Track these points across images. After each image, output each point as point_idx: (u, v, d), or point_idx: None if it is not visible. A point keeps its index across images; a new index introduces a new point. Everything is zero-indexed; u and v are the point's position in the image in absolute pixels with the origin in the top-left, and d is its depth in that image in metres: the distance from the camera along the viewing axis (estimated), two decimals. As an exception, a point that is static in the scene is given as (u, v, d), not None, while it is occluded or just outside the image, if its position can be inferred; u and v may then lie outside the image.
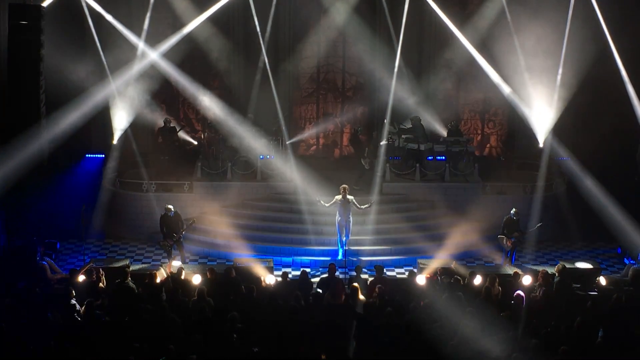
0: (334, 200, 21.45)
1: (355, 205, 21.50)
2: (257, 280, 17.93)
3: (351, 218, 21.55)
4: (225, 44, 25.99)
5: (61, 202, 22.96)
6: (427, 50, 27.00)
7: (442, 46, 26.68)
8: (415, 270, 20.03)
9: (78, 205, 22.29)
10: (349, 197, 21.43)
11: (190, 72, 26.59)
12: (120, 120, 24.56)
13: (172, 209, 21.15)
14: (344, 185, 21.49)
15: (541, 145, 25.30)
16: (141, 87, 24.64)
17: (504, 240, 21.44)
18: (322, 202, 21.54)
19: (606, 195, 23.05)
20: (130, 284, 17.07)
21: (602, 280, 18.68)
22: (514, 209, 21.58)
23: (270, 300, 16.17)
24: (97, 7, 23.80)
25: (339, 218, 21.50)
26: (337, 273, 18.84)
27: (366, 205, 21.78)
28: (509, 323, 15.03)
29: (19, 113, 20.59)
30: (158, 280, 17.32)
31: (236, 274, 17.81)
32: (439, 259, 21.06)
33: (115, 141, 24.76)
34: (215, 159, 25.20)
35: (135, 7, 25.57)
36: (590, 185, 23.68)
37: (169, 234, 20.96)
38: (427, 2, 24.96)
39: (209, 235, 23.13)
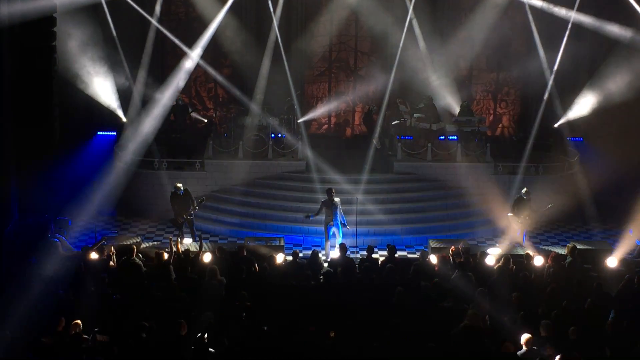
0: (321, 206, 20.81)
1: (340, 211, 20.72)
2: (268, 259, 17.94)
3: (340, 219, 20.75)
4: (237, 22, 25.88)
5: (73, 180, 22.99)
6: (441, 26, 26.69)
7: (456, 22, 26.49)
8: (426, 249, 20.02)
9: (90, 183, 22.35)
10: (336, 199, 20.73)
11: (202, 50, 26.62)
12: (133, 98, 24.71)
13: (182, 187, 21.17)
14: (330, 187, 21.13)
15: (556, 125, 25.27)
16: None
17: (513, 220, 21.42)
18: (310, 216, 20.96)
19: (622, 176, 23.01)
20: (137, 260, 17.13)
21: (613, 262, 18.57)
22: (524, 189, 21.50)
23: (280, 279, 16.19)
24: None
25: (325, 221, 20.89)
26: (347, 252, 18.84)
27: (345, 224, 20.94)
28: (520, 304, 15.02)
29: (31, 92, 20.59)
30: (166, 257, 17.33)
31: (247, 252, 17.85)
32: (450, 239, 21.07)
33: (125, 119, 24.88)
34: (226, 137, 25.21)
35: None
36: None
37: (180, 212, 21.00)
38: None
39: (219, 214, 23.16)
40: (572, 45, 24.91)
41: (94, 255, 17.62)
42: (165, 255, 17.33)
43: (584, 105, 25.38)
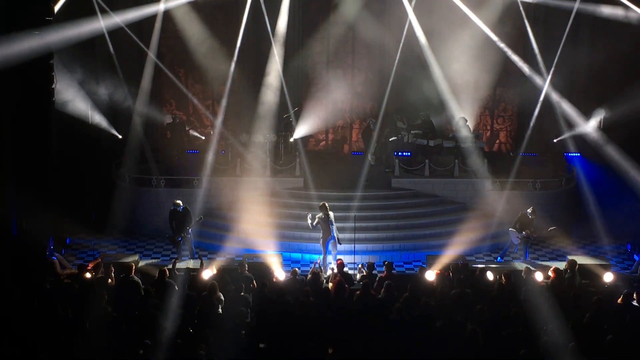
0: (316, 220, 20.85)
1: (333, 226, 20.78)
2: (268, 275, 17.92)
3: (335, 234, 20.84)
4: (236, 39, 25.91)
5: (71, 198, 23.00)
6: (437, 43, 26.59)
7: (452, 39, 26.49)
8: (424, 266, 20.01)
9: (88, 200, 22.34)
10: (330, 213, 20.86)
11: (199, 66, 26.73)
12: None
13: (181, 204, 21.21)
14: (323, 202, 21.09)
15: (555, 140, 25.34)
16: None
17: (513, 234, 21.44)
18: (309, 218, 21.00)
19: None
20: (135, 278, 17.10)
21: (610, 277, 18.54)
22: (531, 208, 21.53)
23: (279, 296, 16.17)
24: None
25: (322, 236, 20.93)
26: (345, 269, 18.83)
27: (339, 240, 20.98)
28: (519, 320, 15.00)
29: (29, 113, 20.59)
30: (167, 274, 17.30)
31: (246, 269, 17.83)
32: (448, 255, 21.05)
33: (120, 136, 25.00)
34: (224, 154, 25.24)
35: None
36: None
37: (178, 230, 21.01)
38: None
39: (218, 230, 23.14)
40: (568, 55, 24.92)
41: (90, 274, 17.59)
42: (167, 273, 17.32)
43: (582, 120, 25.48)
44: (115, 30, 24.36)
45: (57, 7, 21.11)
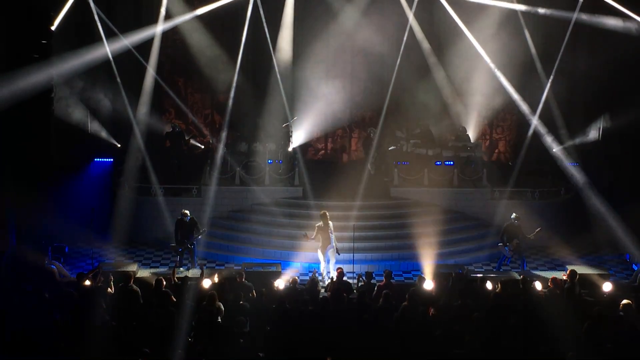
0: (316, 230, 20.80)
1: (332, 235, 20.72)
2: (267, 284, 17.91)
3: (334, 243, 20.78)
4: (235, 48, 25.94)
5: (70, 206, 23.00)
6: (437, 51, 26.61)
7: (452, 47, 26.52)
8: (423, 275, 20.00)
9: (87, 209, 22.33)
10: (330, 222, 20.81)
11: (199, 77, 26.75)
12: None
13: (188, 214, 21.22)
14: (324, 210, 21.13)
15: (554, 150, 25.36)
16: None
17: (503, 250, 21.42)
18: (307, 234, 20.92)
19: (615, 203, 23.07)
20: (134, 287, 17.09)
21: (608, 286, 18.53)
22: (514, 214, 21.54)
23: (278, 304, 16.18)
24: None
25: (322, 245, 20.86)
26: (345, 277, 18.83)
27: (337, 250, 20.95)
28: (517, 329, 15.00)
29: (29, 120, 20.64)
30: (164, 283, 17.30)
31: (245, 278, 17.82)
32: (448, 264, 21.06)
33: (119, 145, 25.02)
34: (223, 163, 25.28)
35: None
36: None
37: (183, 239, 21.01)
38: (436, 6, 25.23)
39: (217, 240, 23.13)
40: (567, 63, 25.01)
41: (89, 282, 17.58)
42: (164, 282, 17.29)
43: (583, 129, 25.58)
44: (114, 39, 24.47)
45: (56, 21, 21.28)
